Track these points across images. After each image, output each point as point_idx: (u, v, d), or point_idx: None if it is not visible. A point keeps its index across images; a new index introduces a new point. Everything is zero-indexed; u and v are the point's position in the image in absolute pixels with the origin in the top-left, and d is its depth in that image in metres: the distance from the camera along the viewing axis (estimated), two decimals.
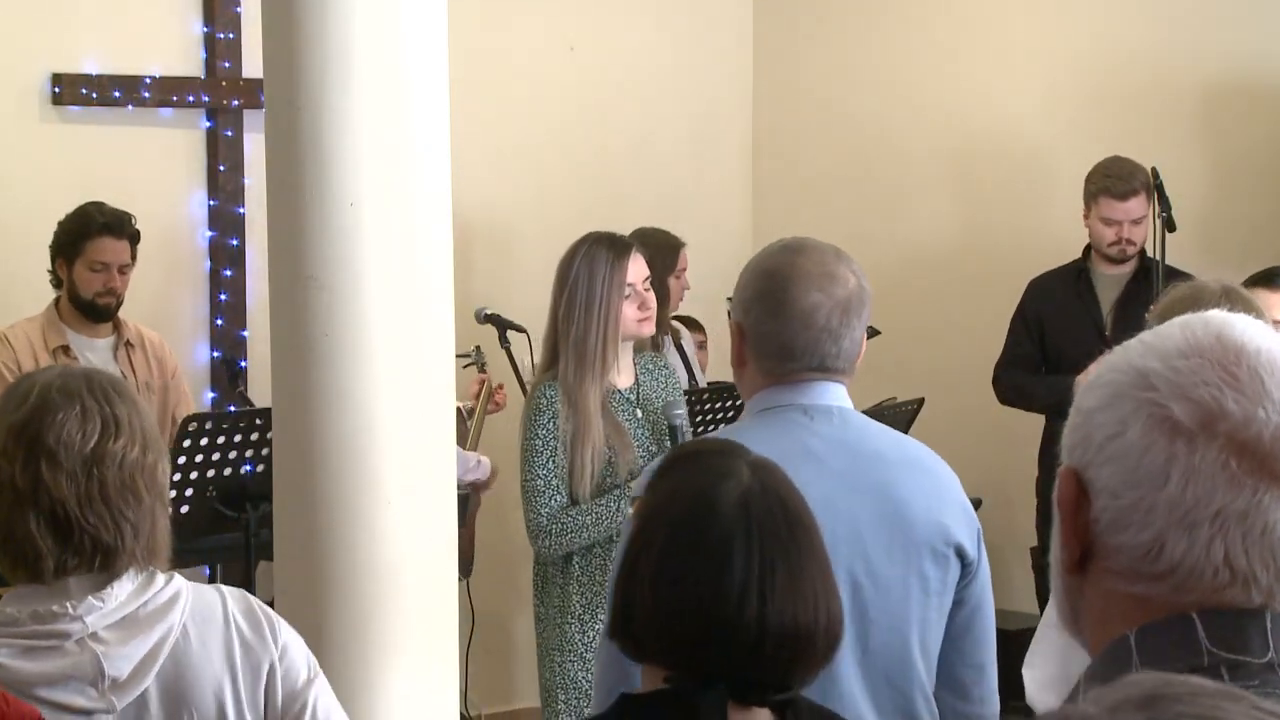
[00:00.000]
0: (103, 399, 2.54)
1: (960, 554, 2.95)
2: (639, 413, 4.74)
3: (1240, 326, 1.50)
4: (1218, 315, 1.52)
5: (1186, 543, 1.45)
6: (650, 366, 4.86)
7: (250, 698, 2.62)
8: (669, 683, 2.15)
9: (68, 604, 2.51)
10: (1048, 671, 3.00)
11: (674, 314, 6.62)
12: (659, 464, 2.31)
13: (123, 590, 2.54)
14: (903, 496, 2.92)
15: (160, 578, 2.59)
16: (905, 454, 3.00)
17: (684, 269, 6.49)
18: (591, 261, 4.70)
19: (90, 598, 2.51)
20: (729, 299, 3.12)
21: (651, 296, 4.76)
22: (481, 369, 6.38)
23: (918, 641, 2.92)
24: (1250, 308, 3.26)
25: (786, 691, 2.16)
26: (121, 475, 2.53)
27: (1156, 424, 1.46)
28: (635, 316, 4.70)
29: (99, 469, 2.51)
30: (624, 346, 4.74)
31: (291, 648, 2.68)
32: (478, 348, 6.34)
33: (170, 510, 2.64)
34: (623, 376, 4.75)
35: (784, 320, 2.90)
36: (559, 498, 4.60)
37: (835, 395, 2.96)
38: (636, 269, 4.73)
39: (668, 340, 6.27)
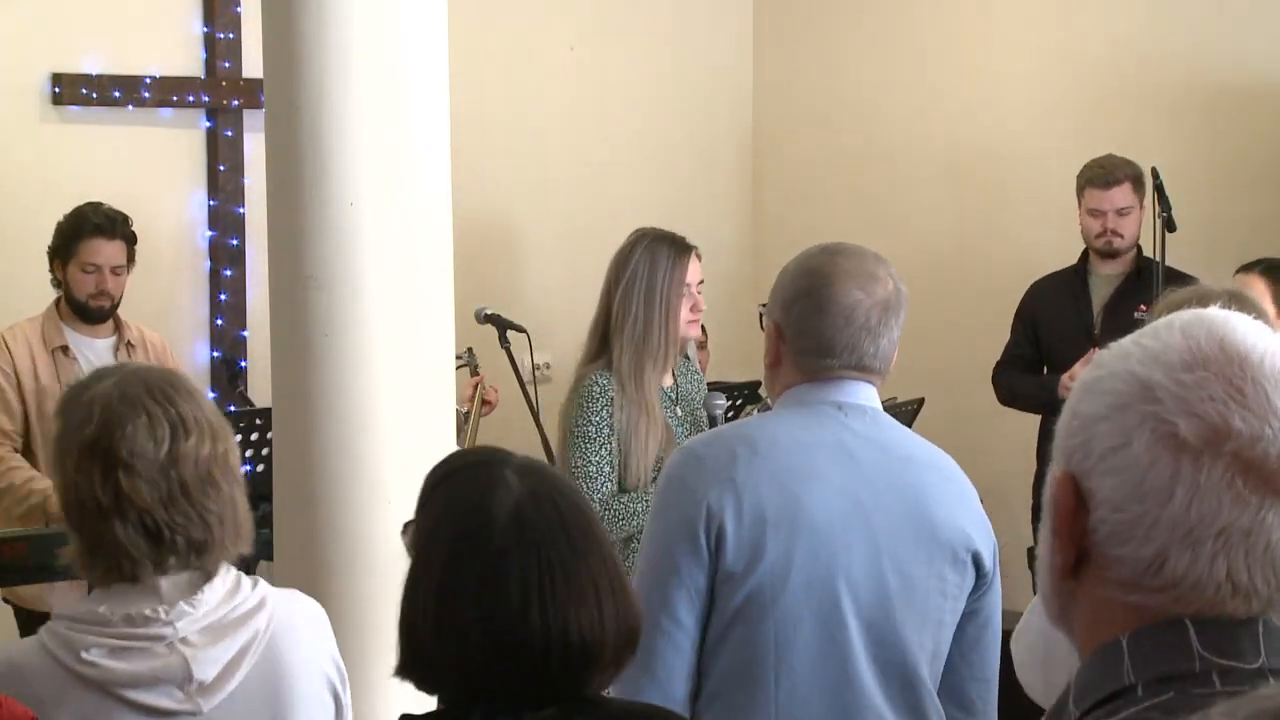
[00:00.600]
0: (165, 400, 2.58)
1: (977, 563, 2.98)
2: (679, 410, 4.76)
3: (1242, 330, 1.49)
4: (1218, 317, 1.50)
5: (1189, 559, 1.45)
6: (684, 368, 4.90)
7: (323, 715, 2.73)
8: (443, 703, 2.13)
9: (160, 608, 2.56)
10: (1027, 640, 3.02)
11: None
12: (425, 482, 2.26)
13: (214, 596, 2.60)
14: (930, 499, 2.95)
15: (246, 583, 2.66)
16: (933, 459, 3.03)
17: None
18: (653, 257, 4.73)
19: (182, 603, 2.56)
20: (762, 305, 3.14)
21: (703, 300, 4.79)
22: (474, 371, 6.36)
23: (931, 642, 2.95)
24: (1259, 313, 3.24)
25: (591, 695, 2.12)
26: (198, 472, 2.57)
27: (1161, 439, 1.45)
28: (687, 317, 4.73)
29: (177, 470, 2.56)
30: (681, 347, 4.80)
31: (349, 707, 2.81)
32: (470, 350, 6.32)
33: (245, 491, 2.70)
34: (666, 375, 4.79)
35: (826, 317, 2.93)
36: (610, 485, 4.62)
37: (869, 395, 2.99)
38: (694, 270, 4.76)
39: None
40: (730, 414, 5.47)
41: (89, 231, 5.55)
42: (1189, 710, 1.35)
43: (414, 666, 2.15)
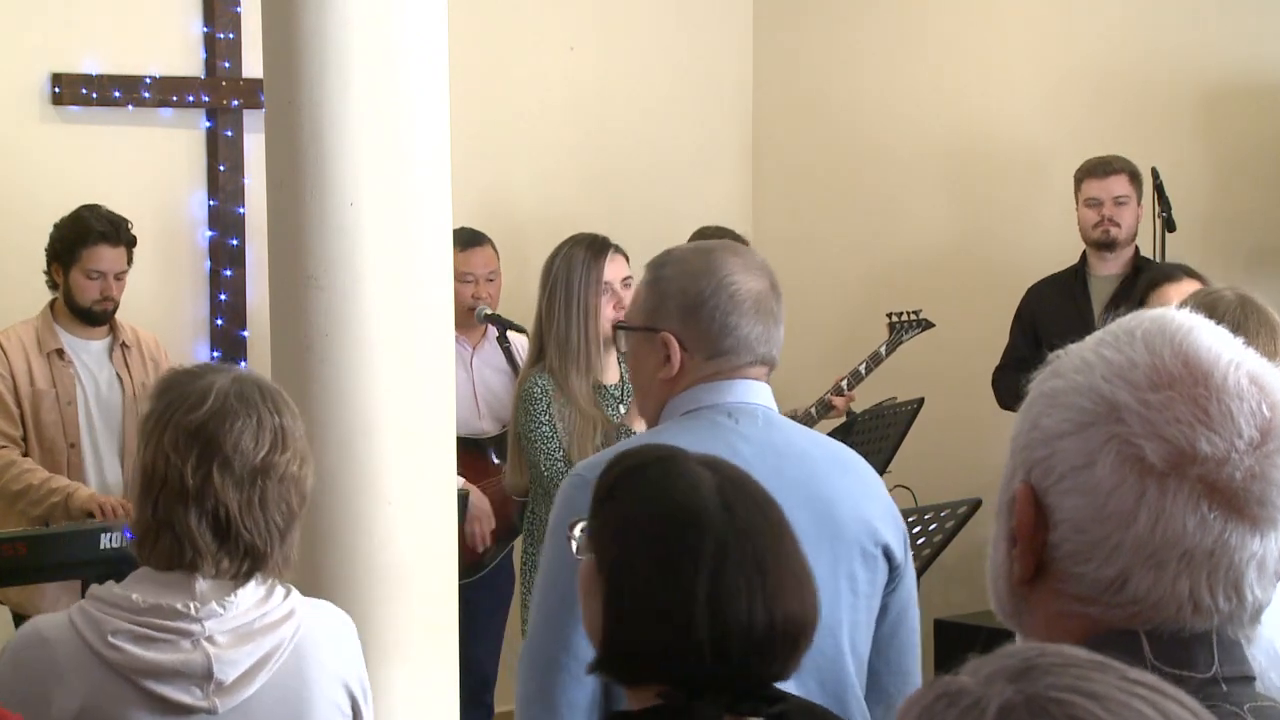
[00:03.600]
0: (274, 410, 2.63)
1: (888, 554, 2.90)
2: (622, 409, 4.76)
3: (1205, 343, 1.47)
4: (1181, 326, 1.49)
5: (1152, 579, 1.45)
6: None
7: None
8: (663, 698, 2.11)
9: (191, 604, 2.59)
10: None
11: None
12: (600, 484, 2.23)
13: (246, 600, 2.63)
14: (831, 498, 2.86)
15: (279, 591, 2.68)
16: (832, 455, 2.95)
17: None
18: (570, 260, 4.77)
19: (214, 603, 2.60)
20: (620, 324, 3.06)
21: (629, 294, 4.79)
22: None
23: (848, 644, 2.86)
24: (1265, 320, 3.23)
25: (778, 690, 2.13)
26: (281, 488, 2.62)
27: (1127, 462, 1.45)
28: (610, 316, 4.73)
29: (264, 480, 2.60)
30: (606, 344, 4.78)
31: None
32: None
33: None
34: (608, 374, 4.78)
35: (741, 313, 2.86)
36: None
37: (762, 394, 2.91)
38: (614, 268, 4.78)
39: None
40: None
41: (94, 239, 5.51)
42: None
43: (618, 663, 2.14)
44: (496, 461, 5.96)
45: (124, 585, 2.63)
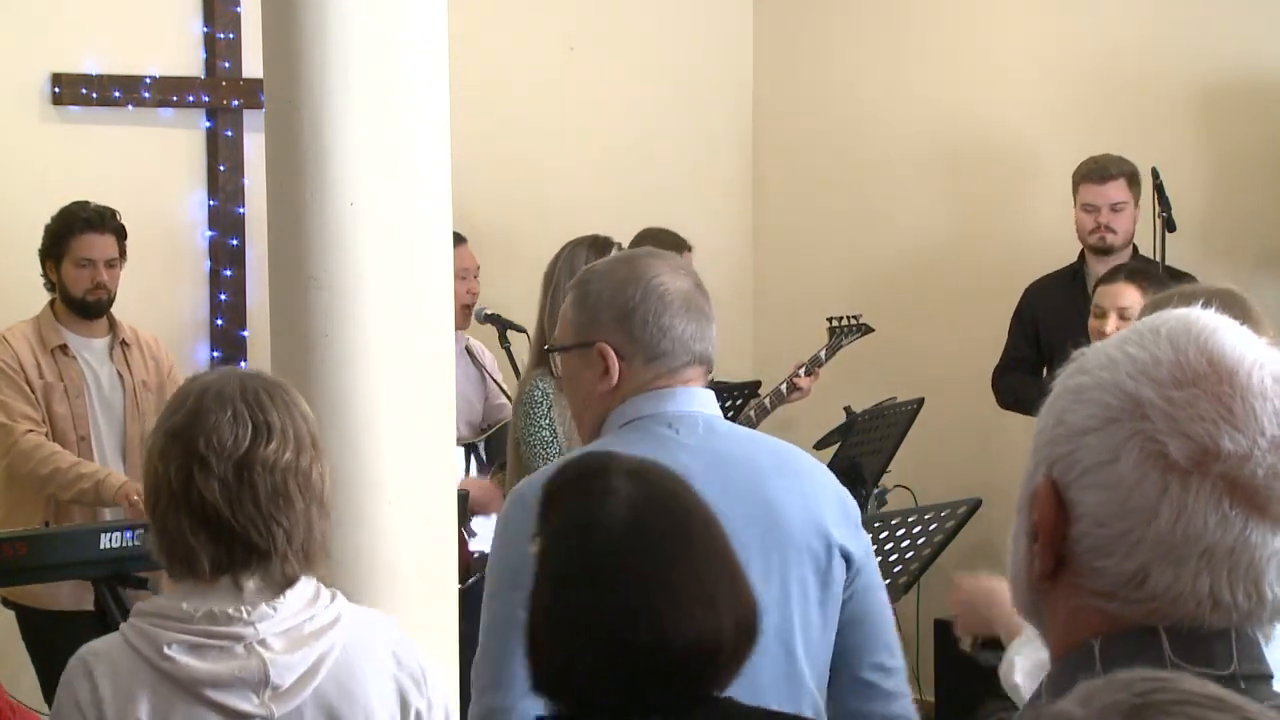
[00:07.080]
0: (254, 403, 2.62)
1: (845, 554, 2.84)
2: None
3: (1230, 342, 1.48)
4: (1205, 325, 1.49)
5: (1172, 575, 1.45)
6: None
7: None
8: (551, 714, 2.09)
9: (243, 609, 2.59)
10: (1033, 659, 3.00)
11: None
12: (540, 500, 2.21)
13: (296, 601, 2.63)
14: (781, 506, 2.81)
15: (325, 595, 2.69)
16: (780, 461, 2.89)
17: None
18: (572, 262, 4.72)
19: (265, 605, 2.60)
20: (547, 348, 3.02)
21: None
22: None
23: (802, 650, 2.81)
24: (1247, 313, 3.23)
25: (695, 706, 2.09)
26: (272, 479, 2.60)
27: (1150, 458, 1.45)
28: None
29: (249, 474, 2.59)
30: None
31: (437, 704, 2.76)
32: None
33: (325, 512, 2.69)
34: None
35: (672, 312, 2.84)
36: None
37: (703, 400, 2.88)
38: None
39: None
40: (731, 415, 5.46)
41: (79, 227, 5.57)
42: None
43: (541, 683, 2.12)
44: (474, 465, 5.99)
45: (175, 595, 2.63)
